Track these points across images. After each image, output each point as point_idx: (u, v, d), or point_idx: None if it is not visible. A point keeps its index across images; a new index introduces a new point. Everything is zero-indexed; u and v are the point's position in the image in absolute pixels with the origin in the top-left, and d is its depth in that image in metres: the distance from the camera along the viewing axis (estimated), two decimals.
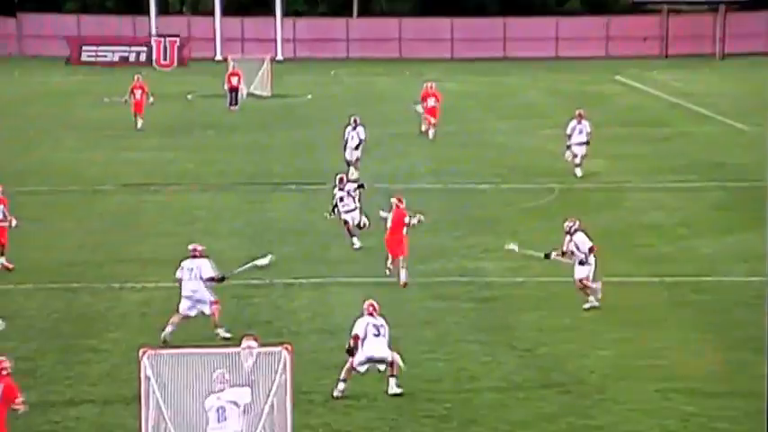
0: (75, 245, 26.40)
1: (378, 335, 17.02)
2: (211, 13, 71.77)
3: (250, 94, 53.03)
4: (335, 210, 25.29)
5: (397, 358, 17.04)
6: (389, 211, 22.91)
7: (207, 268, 19.32)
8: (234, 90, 49.36)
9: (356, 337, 17.03)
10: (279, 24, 72.73)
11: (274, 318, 20.40)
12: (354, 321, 17.13)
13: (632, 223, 28.50)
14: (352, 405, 16.81)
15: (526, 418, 16.34)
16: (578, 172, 33.48)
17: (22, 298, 22.26)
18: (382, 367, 17.08)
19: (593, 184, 32.99)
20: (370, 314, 17.18)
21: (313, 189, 32.84)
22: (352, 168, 33.47)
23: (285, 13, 73.09)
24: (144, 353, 13.47)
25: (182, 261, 19.52)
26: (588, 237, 21.08)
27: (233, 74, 50.04)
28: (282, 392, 13.54)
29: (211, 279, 19.29)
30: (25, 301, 22.06)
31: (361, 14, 76.79)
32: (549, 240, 26.29)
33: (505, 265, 23.89)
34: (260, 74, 54.71)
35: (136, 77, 44.30)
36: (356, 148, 33.54)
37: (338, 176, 25.74)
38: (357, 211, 25.32)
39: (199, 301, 19.21)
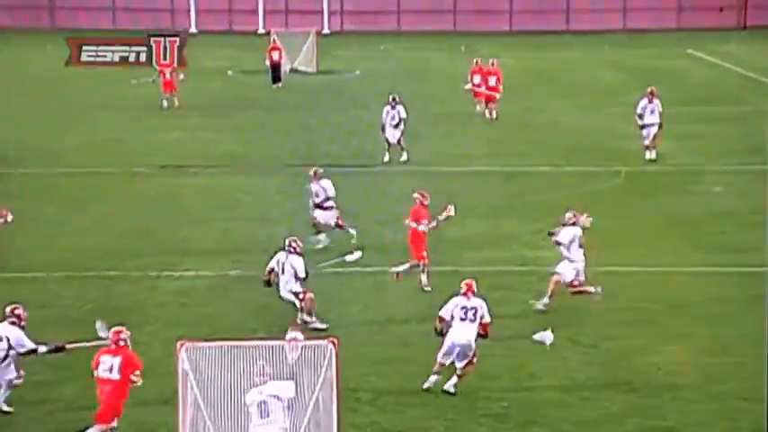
0: (112, 230, 26.60)
1: (465, 319, 16.84)
2: None
3: (294, 71, 53.10)
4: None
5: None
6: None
7: (300, 266, 19.76)
8: (275, 66, 49.25)
9: (441, 319, 16.88)
10: None
11: (322, 309, 20.41)
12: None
13: (704, 209, 28.31)
14: (403, 402, 16.84)
15: (590, 418, 16.32)
16: (650, 155, 33.23)
17: (56, 286, 22.48)
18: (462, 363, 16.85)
19: (661, 167, 32.77)
20: (464, 294, 16.99)
21: (363, 171, 32.89)
22: (404, 153, 33.47)
23: None
24: (182, 345, 13.54)
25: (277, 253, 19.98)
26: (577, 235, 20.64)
27: (274, 48, 49.81)
28: (328, 389, 13.56)
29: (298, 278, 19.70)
30: (59, 289, 22.27)
31: None
32: (612, 227, 26.27)
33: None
34: (305, 48, 54.67)
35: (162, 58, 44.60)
36: (396, 126, 33.48)
37: (313, 169, 25.24)
38: (334, 211, 24.70)
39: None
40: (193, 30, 70.36)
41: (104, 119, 41.68)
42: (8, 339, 16.29)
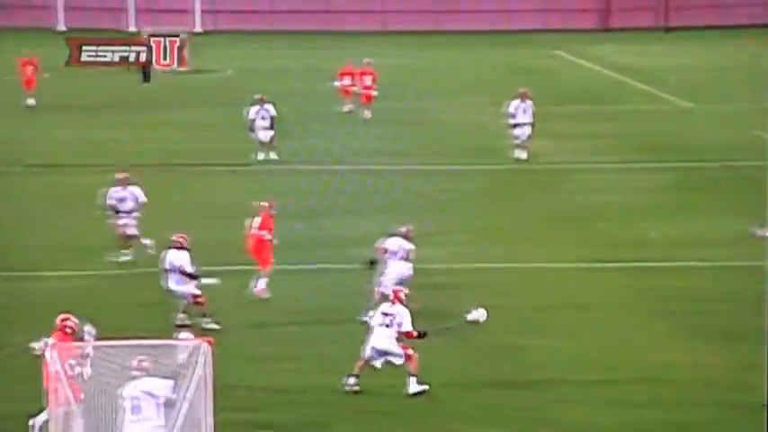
0: None
1: (382, 325, 16.75)
2: None
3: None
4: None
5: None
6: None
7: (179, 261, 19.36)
8: (145, 66, 48.76)
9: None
10: None
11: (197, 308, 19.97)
12: None
13: (578, 206, 28.51)
14: (277, 400, 16.56)
15: (475, 413, 16.13)
16: (522, 154, 33.31)
17: None
18: (397, 361, 16.71)
19: (536, 166, 32.96)
20: (391, 301, 16.90)
21: (234, 170, 32.50)
22: (272, 152, 33.10)
23: None
24: (53, 346, 13.13)
25: None
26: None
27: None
28: (203, 387, 13.27)
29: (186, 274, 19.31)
30: None
31: None
32: (490, 224, 26.28)
33: (446, 251, 23.72)
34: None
35: (24, 52, 43.38)
36: (268, 125, 33.10)
37: (121, 174, 24.26)
38: (133, 219, 23.71)
39: None
40: (62, 27, 69.03)
41: None
42: None
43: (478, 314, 17.34)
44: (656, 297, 21.28)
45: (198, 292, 19.39)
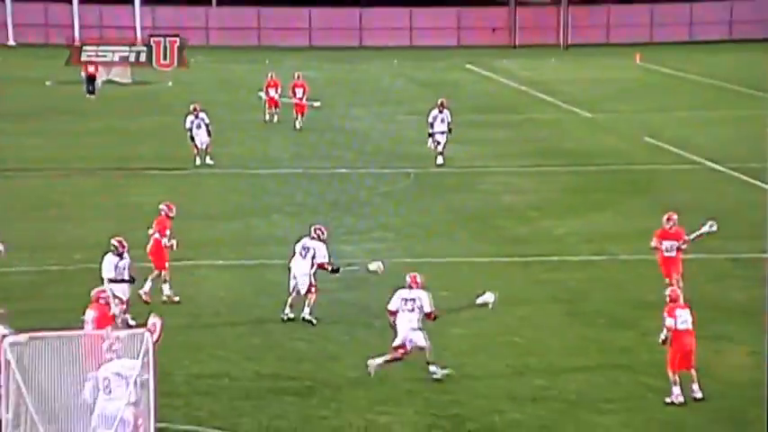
0: None
1: (406, 310, 16.65)
2: (69, 1, 70.24)
3: (110, 81, 51.96)
4: None
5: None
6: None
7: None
8: (91, 77, 48.21)
9: (390, 312, 16.77)
10: (137, 12, 71.40)
11: (137, 300, 19.83)
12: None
13: (487, 206, 28.71)
14: (214, 385, 16.53)
15: (385, 395, 16.25)
16: (440, 160, 33.42)
17: None
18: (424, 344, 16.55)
19: (448, 169, 33.13)
20: (408, 286, 16.88)
21: (175, 174, 32.32)
22: (205, 158, 32.99)
23: (143, 1, 71.85)
24: (4, 337, 12.95)
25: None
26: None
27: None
28: (146, 373, 13.18)
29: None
30: None
31: (220, 3, 75.87)
32: (406, 222, 26.43)
33: (366, 247, 23.82)
34: None
35: None
36: (209, 134, 33.01)
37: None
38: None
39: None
40: (12, 42, 68.09)
41: None
42: None
43: (487, 297, 17.29)
44: (552, 287, 21.55)
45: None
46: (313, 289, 19.10)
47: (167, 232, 20.36)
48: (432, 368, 16.69)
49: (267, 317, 19.36)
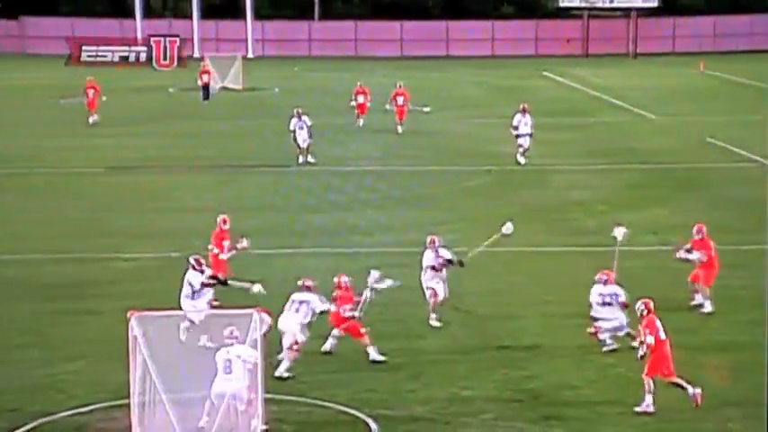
0: (69, 220, 26.13)
1: (605, 304, 16.56)
2: (190, 17, 71.36)
3: (224, 88, 52.78)
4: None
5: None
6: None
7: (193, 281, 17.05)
8: (206, 86, 48.71)
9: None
10: (249, 26, 72.33)
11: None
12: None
13: (559, 200, 28.60)
14: (315, 360, 16.70)
15: (468, 371, 16.33)
16: (522, 160, 33.21)
17: (24, 266, 21.95)
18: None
19: (523, 167, 33.00)
20: (603, 283, 16.96)
21: (279, 171, 32.73)
22: (307, 156, 33.24)
23: (255, 17, 72.75)
24: (132, 314, 13.31)
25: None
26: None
27: (204, 71, 49.49)
28: (255, 348, 13.44)
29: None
30: (23, 268, 21.73)
31: (321, 18, 76.45)
32: (484, 215, 26.42)
33: (450, 238, 23.84)
34: (233, 70, 54.42)
35: (88, 78, 43.26)
36: (310, 136, 33.27)
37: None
38: None
39: None
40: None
41: (58, 128, 40.68)
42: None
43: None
44: (618, 274, 21.34)
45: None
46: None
47: (224, 244, 19.31)
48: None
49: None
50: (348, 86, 43.56)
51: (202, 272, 16.84)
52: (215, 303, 16.87)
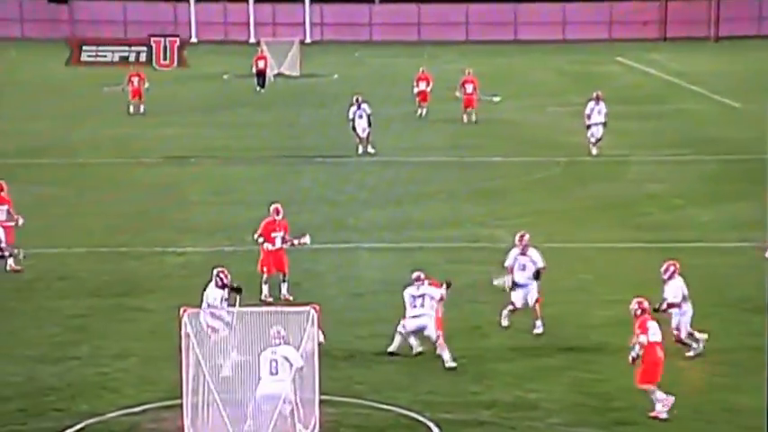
0: (121, 212, 26.49)
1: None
2: (246, 1, 71.87)
3: (280, 74, 53.06)
4: None
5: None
6: None
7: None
8: (261, 73, 48.67)
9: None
10: (307, 9, 72.58)
11: (303, 280, 20.38)
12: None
13: (633, 194, 28.40)
14: (373, 360, 16.82)
15: (533, 373, 16.32)
16: (594, 150, 32.98)
17: (74, 260, 22.35)
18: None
19: (596, 158, 32.81)
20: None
21: (336, 162, 32.87)
22: (366, 147, 33.34)
23: (313, 0, 73.00)
24: (184, 312, 13.50)
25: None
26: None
27: (260, 58, 49.30)
28: (310, 348, 13.55)
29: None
30: (77, 263, 22.13)
31: (383, 0, 76.47)
32: (554, 208, 26.32)
33: (516, 231, 23.82)
34: (290, 55, 54.60)
35: (132, 66, 43.66)
36: (369, 124, 33.37)
37: None
38: None
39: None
40: (194, 39, 69.98)
41: (113, 115, 41.26)
42: None
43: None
44: (695, 273, 21.12)
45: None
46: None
47: (274, 236, 19.30)
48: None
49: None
50: (410, 73, 43.60)
51: (224, 286, 16.40)
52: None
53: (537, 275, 18.04)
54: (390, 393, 15.53)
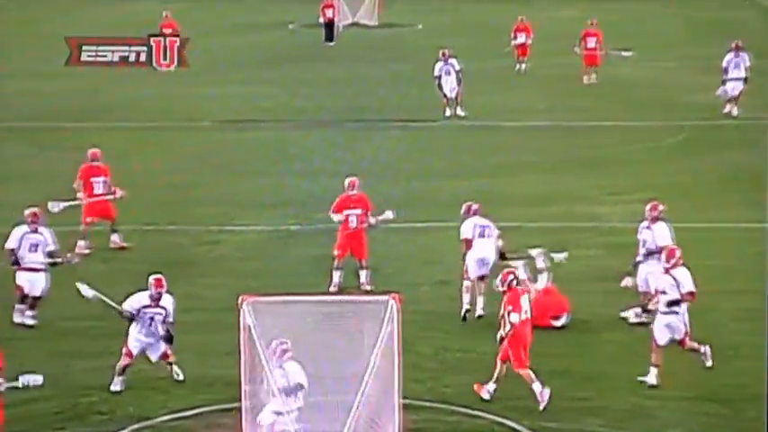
0: (168, 183, 26.82)
1: None
2: None
3: (355, 24, 53.07)
4: None
5: None
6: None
7: None
8: (329, 23, 48.55)
9: None
10: None
11: (380, 264, 20.48)
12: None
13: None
14: (463, 359, 16.89)
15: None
16: (732, 110, 32.61)
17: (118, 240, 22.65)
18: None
19: (726, 121, 32.43)
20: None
21: (419, 126, 32.90)
22: (455, 108, 33.31)
23: None
24: (243, 300, 13.65)
25: None
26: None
27: (327, 5, 48.81)
28: (390, 343, 13.63)
29: None
30: (123, 241, 22.41)
31: None
32: (673, 182, 26.05)
33: (631, 209, 23.68)
34: (365, 2, 54.49)
35: (164, 14, 43.91)
36: (458, 83, 33.31)
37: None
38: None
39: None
40: None
41: (157, 72, 41.64)
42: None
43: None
44: None
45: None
46: None
47: (346, 213, 19.46)
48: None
49: None
50: (508, 23, 43.34)
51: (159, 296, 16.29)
52: None
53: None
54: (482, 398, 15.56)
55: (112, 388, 15.71)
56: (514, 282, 15.60)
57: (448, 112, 33.59)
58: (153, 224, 23.56)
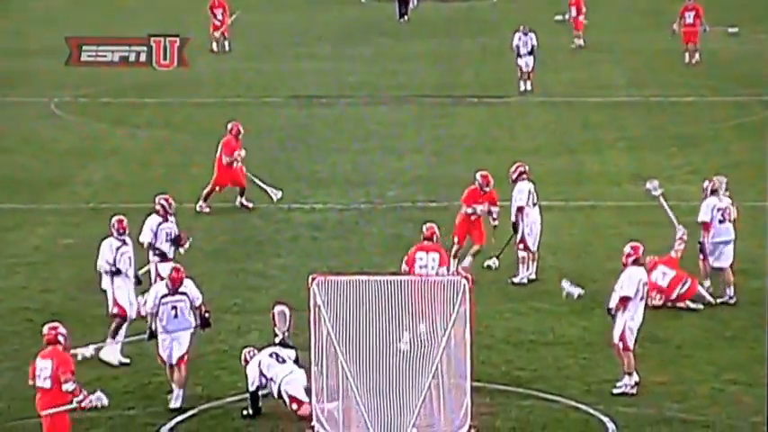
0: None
1: None
2: None
3: None
4: None
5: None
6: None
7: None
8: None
9: None
10: None
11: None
12: None
13: None
14: (537, 341, 16.75)
15: (733, 361, 16.05)
16: None
17: (188, 218, 22.70)
18: None
19: None
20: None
21: (497, 102, 32.70)
22: (522, 83, 33.07)
23: None
24: (313, 279, 13.60)
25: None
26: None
27: None
28: (461, 325, 13.53)
29: None
30: (191, 221, 22.48)
31: None
32: (764, 162, 25.58)
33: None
34: None
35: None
36: (530, 53, 33.00)
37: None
38: None
39: None
40: None
41: (235, 47, 41.77)
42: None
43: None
44: None
45: None
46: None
47: (475, 206, 19.21)
48: None
49: (596, 266, 19.31)
50: None
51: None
52: None
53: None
54: (557, 382, 15.44)
55: None
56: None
57: (522, 87, 33.37)
58: (225, 201, 23.52)
